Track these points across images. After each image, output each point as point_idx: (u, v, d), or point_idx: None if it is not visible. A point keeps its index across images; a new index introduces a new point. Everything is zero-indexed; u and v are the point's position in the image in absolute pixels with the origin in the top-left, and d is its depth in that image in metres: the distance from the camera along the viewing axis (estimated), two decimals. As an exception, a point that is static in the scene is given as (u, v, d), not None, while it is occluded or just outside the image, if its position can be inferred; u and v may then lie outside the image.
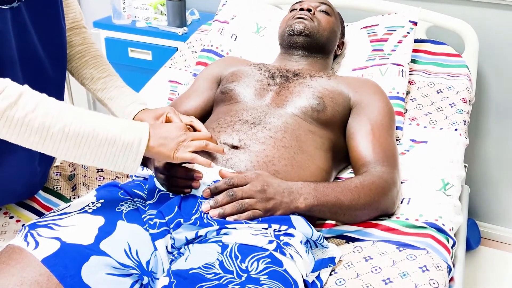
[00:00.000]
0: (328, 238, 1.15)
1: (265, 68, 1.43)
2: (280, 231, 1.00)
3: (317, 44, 1.49)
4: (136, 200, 1.10)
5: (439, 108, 1.55)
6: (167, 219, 1.01)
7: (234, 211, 1.01)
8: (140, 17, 2.24)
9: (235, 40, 1.79)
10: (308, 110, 1.28)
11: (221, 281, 0.87)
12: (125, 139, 0.95)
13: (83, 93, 2.50)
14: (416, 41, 1.71)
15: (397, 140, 1.44)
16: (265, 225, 1.00)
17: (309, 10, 1.51)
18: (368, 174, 1.18)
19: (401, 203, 1.23)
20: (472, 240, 2.00)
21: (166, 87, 1.78)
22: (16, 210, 1.28)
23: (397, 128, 1.44)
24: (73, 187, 1.37)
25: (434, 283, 0.99)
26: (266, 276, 0.89)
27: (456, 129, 1.47)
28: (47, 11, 1.14)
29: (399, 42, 1.64)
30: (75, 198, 1.34)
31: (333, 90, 1.34)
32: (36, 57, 1.13)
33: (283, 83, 1.37)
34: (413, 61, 1.68)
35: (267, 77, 1.39)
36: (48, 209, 1.29)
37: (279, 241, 0.97)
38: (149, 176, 1.17)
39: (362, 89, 1.37)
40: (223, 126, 1.24)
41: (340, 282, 1.03)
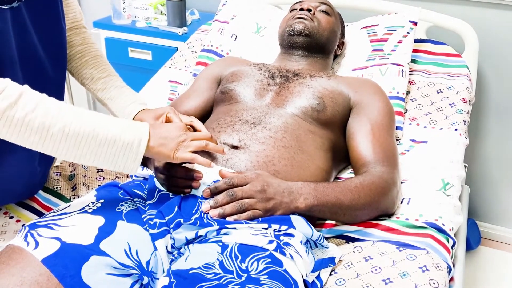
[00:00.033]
0: (328, 238, 1.15)
1: (265, 68, 1.43)
2: (280, 231, 1.00)
3: (317, 44, 1.49)
4: (136, 200, 1.10)
5: (439, 108, 1.54)
6: (167, 219, 1.01)
7: (234, 211, 1.01)
8: (140, 17, 2.23)
9: (235, 40, 1.79)
10: (308, 110, 1.28)
11: (221, 281, 0.87)
12: (125, 139, 0.95)
13: (83, 93, 2.50)
14: (416, 41, 1.71)
15: (397, 140, 1.44)
16: (265, 225, 1.00)
17: (309, 10, 1.51)
18: (368, 174, 1.18)
19: (401, 203, 1.23)
20: (472, 240, 2.00)
21: (166, 87, 1.78)
22: (16, 210, 1.28)
23: (397, 128, 1.44)
24: (73, 187, 1.37)
25: (434, 283, 0.99)
26: (266, 276, 0.89)
27: (456, 129, 1.47)
28: (47, 11, 1.14)
29: (399, 42, 1.64)
30: (75, 198, 1.34)
31: (333, 90, 1.34)
32: (36, 57, 1.13)
33: (283, 83, 1.37)
34: (413, 61, 1.68)
35: (267, 77, 1.39)
36: (48, 209, 1.29)
37: (279, 241, 0.97)
38: (149, 176, 1.17)
39: (362, 89, 1.37)
40: (223, 126, 1.24)
41: (340, 282, 1.03)
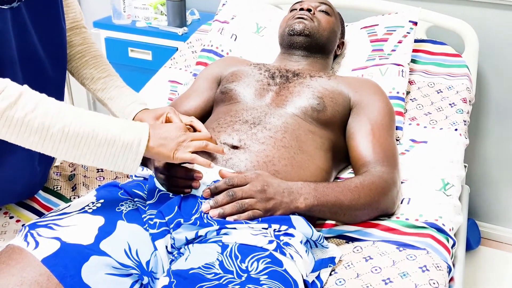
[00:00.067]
0: (328, 238, 1.15)
1: (265, 68, 1.43)
2: (280, 231, 1.00)
3: (317, 44, 1.49)
4: (136, 200, 1.10)
5: (439, 108, 1.54)
6: (167, 219, 1.01)
7: (234, 211, 1.01)
8: (140, 17, 2.23)
9: (235, 40, 1.79)
10: (308, 110, 1.28)
11: (221, 281, 0.87)
12: (124, 139, 0.95)
13: (83, 93, 2.50)
14: (416, 41, 1.71)
15: (397, 140, 1.44)
16: (265, 225, 1.00)
17: (309, 10, 1.51)
18: (368, 174, 1.18)
19: (401, 203, 1.23)
20: (472, 240, 2.00)
21: (166, 87, 1.78)
22: (16, 210, 1.28)
23: (397, 128, 1.44)
24: (73, 187, 1.37)
25: (434, 283, 0.99)
26: (266, 276, 0.89)
27: (456, 129, 1.47)
28: (47, 11, 1.14)
29: (399, 42, 1.64)
30: (75, 198, 1.34)
31: (333, 90, 1.34)
32: (36, 57, 1.13)
33: (283, 83, 1.37)
34: (413, 61, 1.68)
35: (267, 77, 1.39)
36: (48, 209, 1.29)
37: (279, 241, 0.97)
38: (149, 176, 1.16)
39: (362, 89, 1.37)
40: (223, 126, 1.24)
41: (340, 282, 1.03)
